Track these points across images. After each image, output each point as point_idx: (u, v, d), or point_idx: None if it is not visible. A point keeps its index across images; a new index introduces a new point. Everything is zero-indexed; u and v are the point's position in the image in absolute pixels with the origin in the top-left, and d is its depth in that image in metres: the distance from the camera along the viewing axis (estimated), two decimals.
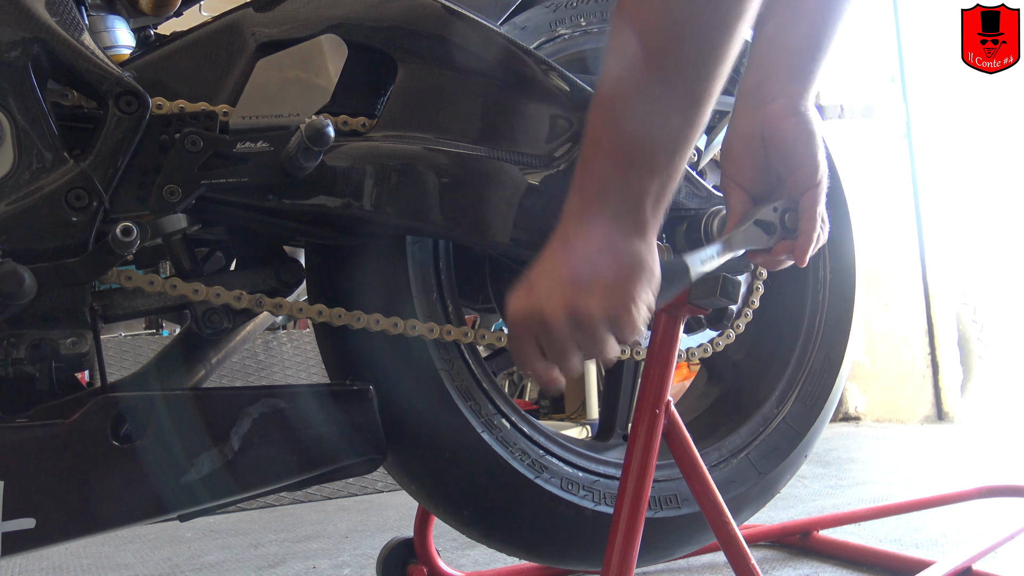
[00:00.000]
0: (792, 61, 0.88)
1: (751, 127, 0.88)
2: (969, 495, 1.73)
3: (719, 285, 0.84)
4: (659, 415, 0.88)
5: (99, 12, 0.97)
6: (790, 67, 0.88)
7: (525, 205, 0.94)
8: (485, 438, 0.98)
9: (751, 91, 0.89)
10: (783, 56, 0.89)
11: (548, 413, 5.00)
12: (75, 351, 0.83)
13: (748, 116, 0.89)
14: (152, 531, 2.20)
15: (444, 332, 0.96)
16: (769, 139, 0.87)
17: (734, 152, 0.90)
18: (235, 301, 0.89)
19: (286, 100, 0.88)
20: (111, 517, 0.82)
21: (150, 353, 2.83)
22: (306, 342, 3.15)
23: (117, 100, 0.82)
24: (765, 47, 0.90)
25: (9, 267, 0.76)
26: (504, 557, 1.20)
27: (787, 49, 0.89)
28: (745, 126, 0.89)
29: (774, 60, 0.89)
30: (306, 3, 0.93)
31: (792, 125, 0.86)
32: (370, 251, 0.96)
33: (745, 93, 0.90)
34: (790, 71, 0.88)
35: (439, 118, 0.93)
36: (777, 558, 1.55)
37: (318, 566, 1.73)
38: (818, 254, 1.25)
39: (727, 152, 0.91)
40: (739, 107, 0.90)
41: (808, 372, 1.23)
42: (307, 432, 0.90)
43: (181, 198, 0.83)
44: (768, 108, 0.87)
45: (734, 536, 0.89)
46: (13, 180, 0.79)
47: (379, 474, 2.46)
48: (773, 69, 0.89)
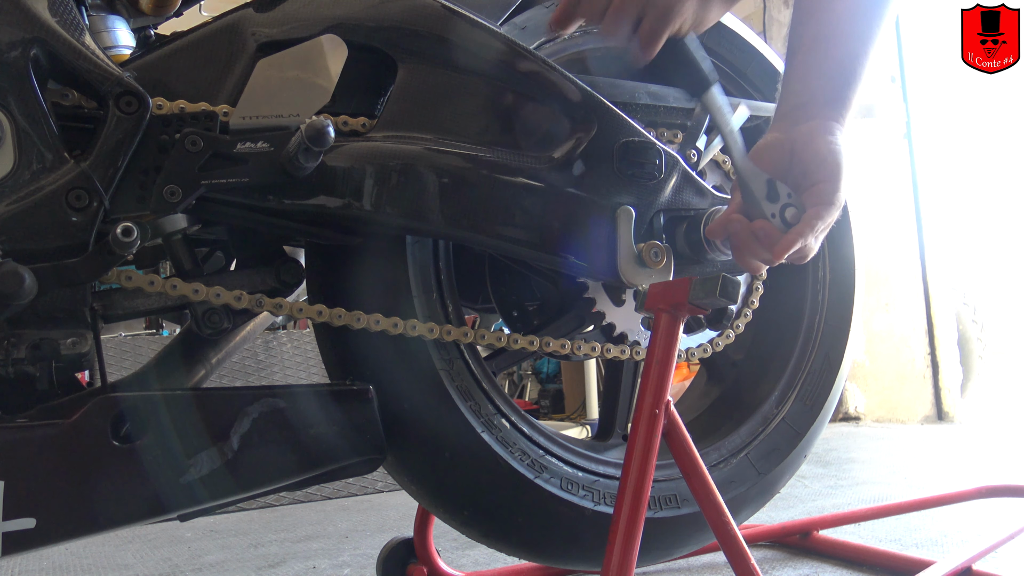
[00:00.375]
0: (829, 86, 0.91)
1: (784, 138, 0.91)
2: (969, 495, 1.73)
3: (719, 285, 0.84)
4: (659, 415, 0.88)
5: (99, 12, 0.97)
6: (827, 91, 0.91)
7: (525, 205, 0.94)
8: (485, 438, 0.98)
9: (788, 112, 0.92)
10: (821, 81, 0.91)
11: (548, 413, 5.00)
12: (75, 351, 0.83)
13: (784, 130, 0.92)
14: (152, 531, 2.20)
15: (444, 332, 0.96)
16: (798, 152, 0.90)
17: (763, 153, 0.92)
18: (235, 301, 0.89)
19: (286, 100, 0.88)
20: (111, 517, 0.82)
21: (150, 353, 2.83)
22: (306, 342, 3.15)
23: (117, 100, 0.82)
24: (803, 70, 0.92)
25: (9, 267, 0.76)
26: (504, 557, 1.20)
27: (825, 74, 0.91)
28: (779, 136, 0.92)
29: (813, 87, 0.91)
30: (306, 3, 0.93)
31: (822, 144, 0.88)
32: (370, 251, 0.96)
33: (783, 113, 0.93)
34: (827, 95, 0.91)
35: (439, 118, 0.93)
36: (777, 558, 1.55)
37: (318, 566, 1.73)
38: (818, 254, 1.25)
39: (758, 150, 0.92)
40: (777, 122, 0.93)
41: (808, 372, 1.23)
42: (307, 432, 0.90)
43: (181, 198, 0.83)
44: (803, 126, 0.90)
45: (734, 536, 0.89)
46: (13, 180, 0.79)
47: (379, 474, 2.46)
48: (812, 93, 0.91)
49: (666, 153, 1.01)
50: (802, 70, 0.92)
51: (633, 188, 0.99)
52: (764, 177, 0.89)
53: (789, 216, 0.89)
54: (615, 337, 1.11)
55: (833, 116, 0.90)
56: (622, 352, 1.09)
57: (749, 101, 1.14)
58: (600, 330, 1.12)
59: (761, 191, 0.89)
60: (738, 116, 1.08)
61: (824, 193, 0.88)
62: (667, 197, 1.02)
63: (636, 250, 0.98)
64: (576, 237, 0.97)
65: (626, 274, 0.98)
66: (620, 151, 0.98)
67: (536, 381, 5.31)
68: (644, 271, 0.98)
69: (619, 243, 0.97)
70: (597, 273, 0.99)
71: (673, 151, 1.03)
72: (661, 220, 1.02)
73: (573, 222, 0.96)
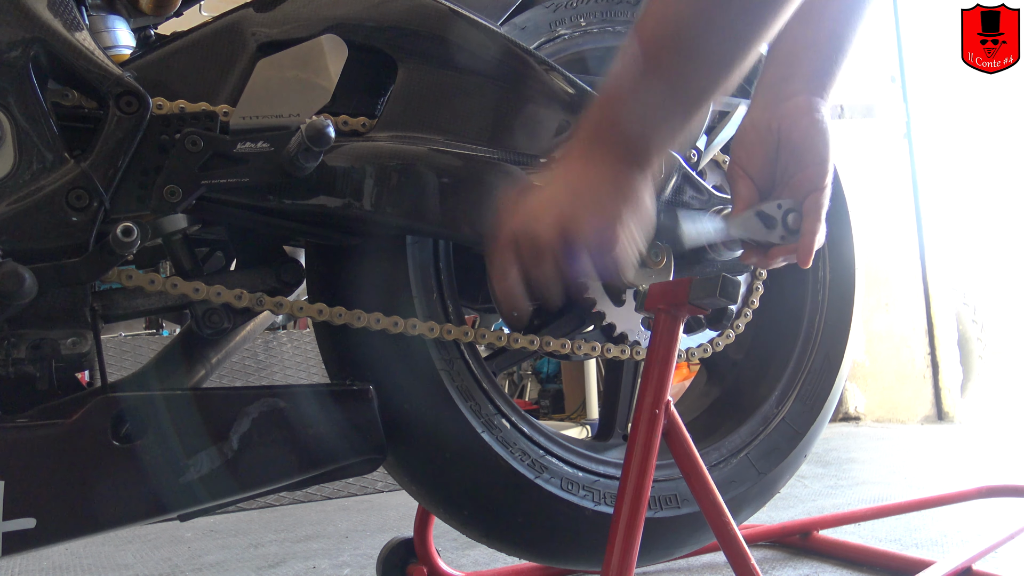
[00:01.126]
0: (815, 59, 0.89)
1: (768, 119, 0.89)
2: (969, 495, 1.73)
3: (719, 285, 0.84)
4: (659, 415, 0.88)
5: (99, 12, 0.97)
6: (813, 65, 0.89)
7: None
8: (485, 438, 0.98)
9: (772, 84, 0.90)
10: (807, 53, 0.89)
11: (548, 413, 5.00)
12: (75, 351, 0.83)
13: (766, 108, 0.90)
14: (152, 531, 2.20)
15: (444, 332, 0.96)
16: (785, 135, 0.88)
17: (747, 140, 0.91)
18: (235, 301, 0.89)
19: (286, 100, 0.88)
20: (111, 517, 0.82)
21: (150, 353, 2.83)
22: (306, 342, 3.15)
23: (117, 100, 0.82)
24: (790, 43, 0.90)
25: (10, 267, 0.76)
26: (504, 557, 1.20)
27: (810, 47, 0.90)
28: (762, 117, 0.90)
29: (798, 57, 0.90)
30: (306, 3, 0.93)
31: (809, 124, 0.87)
32: (370, 251, 0.96)
33: (766, 85, 0.91)
34: (812, 68, 0.89)
35: (439, 118, 0.93)
36: (777, 558, 1.55)
37: (318, 566, 1.73)
38: (818, 254, 1.25)
39: (740, 139, 0.92)
40: (758, 98, 0.91)
41: (808, 372, 1.23)
42: (307, 432, 0.90)
43: (181, 198, 0.83)
44: (788, 104, 0.88)
45: (734, 536, 0.89)
46: (14, 180, 0.79)
47: (379, 474, 2.46)
48: (796, 66, 0.89)
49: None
50: (789, 41, 0.90)
51: None
52: (752, 214, 0.89)
53: (792, 222, 0.89)
54: (615, 337, 1.11)
55: (817, 91, 0.88)
56: (622, 352, 1.09)
57: (748, 101, 1.14)
58: (600, 330, 1.12)
59: (760, 231, 0.89)
60: (738, 115, 1.08)
61: (816, 177, 0.88)
62: (667, 197, 1.01)
63: None
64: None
65: (626, 274, 0.98)
66: None
67: (536, 381, 5.31)
68: (644, 271, 0.98)
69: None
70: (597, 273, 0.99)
71: (673, 151, 1.03)
72: (661, 220, 1.02)
73: None
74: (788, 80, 0.89)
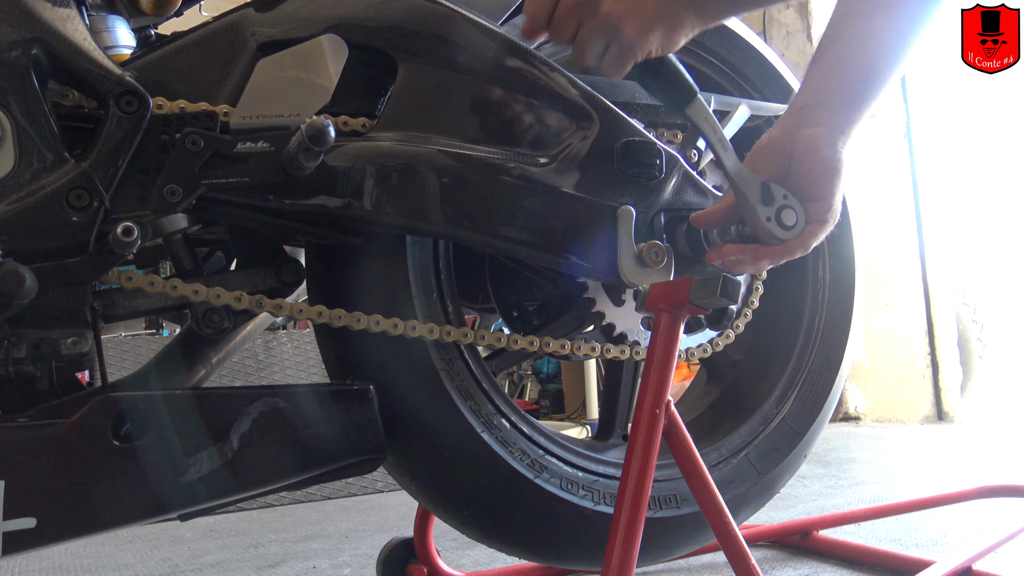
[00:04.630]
0: (844, 94, 0.88)
1: (784, 143, 0.89)
2: (969, 495, 1.73)
3: (719, 285, 0.84)
4: (659, 415, 0.88)
5: (99, 12, 0.97)
6: (841, 99, 0.88)
7: (525, 205, 0.94)
8: (485, 438, 0.98)
9: (798, 109, 0.90)
10: (838, 87, 0.88)
11: (548, 413, 5.00)
12: (76, 351, 0.83)
13: (786, 131, 0.89)
14: (152, 531, 2.20)
15: (444, 332, 0.96)
16: (796, 163, 0.88)
17: (762, 155, 0.91)
18: (235, 302, 0.89)
19: (287, 100, 0.88)
20: (111, 517, 0.82)
21: (150, 353, 2.83)
22: (306, 342, 3.15)
23: (118, 100, 0.82)
24: (824, 74, 0.89)
25: (10, 267, 0.76)
26: (504, 557, 1.20)
27: (843, 81, 0.88)
28: (779, 139, 0.90)
29: (829, 88, 0.88)
30: (306, 3, 0.93)
31: (820, 160, 0.86)
32: (370, 251, 0.96)
33: (794, 108, 0.90)
34: (840, 103, 0.88)
35: (440, 118, 0.93)
36: (777, 558, 1.55)
37: (318, 566, 1.73)
38: (818, 254, 1.25)
39: (756, 151, 0.91)
40: (784, 117, 0.91)
41: (808, 372, 1.23)
42: (307, 432, 0.90)
43: (182, 198, 0.83)
44: (807, 133, 0.87)
45: (734, 536, 0.89)
46: (14, 180, 0.79)
47: (379, 474, 2.46)
48: (824, 97, 0.88)
49: (667, 153, 1.01)
50: (824, 68, 0.89)
51: (634, 188, 0.99)
52: (758, 181, 0.89)
53: (786, 219, 0.88)
54: (615, 337, 1.11)
55: (840, 126, 0.87)
56: (622, 352, 1.09)
57: (749, 101, 1.14)
58: (600, 330, 1.12)
59: (755, 195, 0.88)
60: (738, 116, 1.08)
61: (818, 212, 0.88)
62: (668, 197, 1.02)
63: (637, 250, 0.98)
64: (577, 237, 0.97)
65: (626, 274, 0.98)
66: (621, 151, 0.98)
67: (536, 381, 5.31)
68: (644, 271, 0.98)
69: (620, 243, 0.97)
70: (598, 273, 0.99)
71: (674, 151, 1.03)
72: (662, 220, 1.02)
73: (574, 222, 0.96)
74: (814, 109, 0.88)
